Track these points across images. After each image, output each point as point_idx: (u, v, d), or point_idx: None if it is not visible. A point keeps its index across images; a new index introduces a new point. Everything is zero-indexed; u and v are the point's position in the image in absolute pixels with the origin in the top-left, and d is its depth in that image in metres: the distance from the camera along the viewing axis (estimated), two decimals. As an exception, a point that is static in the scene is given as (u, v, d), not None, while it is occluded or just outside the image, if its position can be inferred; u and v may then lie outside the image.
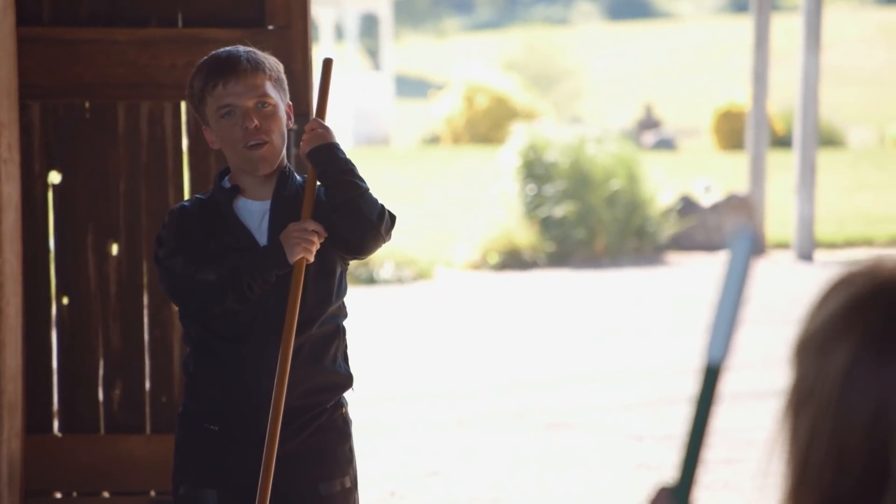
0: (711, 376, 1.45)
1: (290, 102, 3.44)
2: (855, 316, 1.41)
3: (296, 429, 3.35)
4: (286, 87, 3.42)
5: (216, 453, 3.36)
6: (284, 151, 3.41)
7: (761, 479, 1.49)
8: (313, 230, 3.29)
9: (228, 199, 3.36)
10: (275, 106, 3.34)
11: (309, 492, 3.37)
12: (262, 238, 3.35)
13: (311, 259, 3.30)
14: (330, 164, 3.34)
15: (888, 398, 1.38)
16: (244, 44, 3.45)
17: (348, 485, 3.43)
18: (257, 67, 3.34)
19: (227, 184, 3.39)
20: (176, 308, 3.48)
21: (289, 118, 3.41)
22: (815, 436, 1.42)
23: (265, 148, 3.32)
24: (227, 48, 3.40)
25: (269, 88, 3.35)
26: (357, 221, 3.30)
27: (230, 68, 3.33)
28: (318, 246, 3.31)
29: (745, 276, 1.42)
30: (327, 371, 3.39)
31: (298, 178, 3.43)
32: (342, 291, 3.43)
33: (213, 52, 3.41)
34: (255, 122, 3.31)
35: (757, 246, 1.43)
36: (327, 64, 3.49)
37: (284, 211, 3.36)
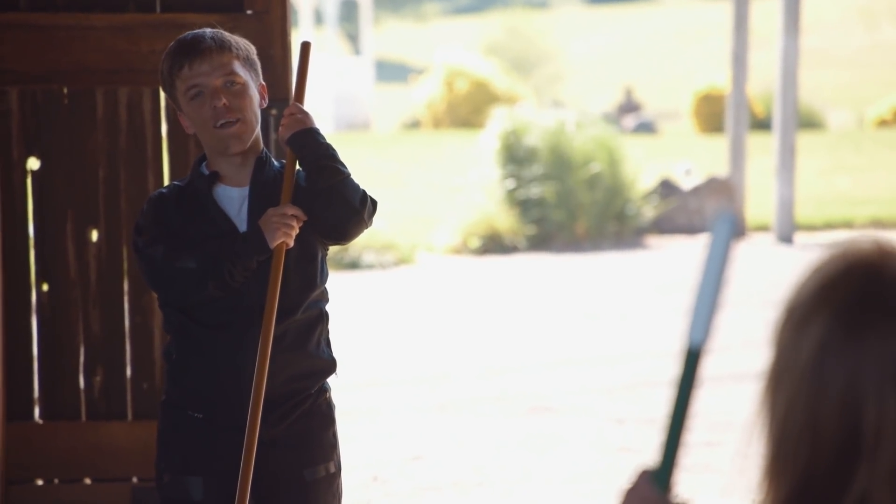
0: (692, 359, 1.45)
1: (264, 83, 3.41)
2: (828, 293, 1.44)
3: (280, 414, 3.34)
4: (258, 69, 3.39)
5: (200, 440, 3.35)
6: (259, 134, 3.39)
7: (741, 461, 1.50)
8: (293, 214, 3.27)
9: (207, 185, 3.34)
10: (244, 84, 3.31)
11: (294, 477, 3.37)
12: (241, 224, 3.33)
13: (291, 244, 3.29)
14: (310, 149, 3.32)
15: (859, 372, 1.41)
16: (212, 27, 3.43)
17: (332, 470, 3.42)
18: (223, 46, 3.31)
19: (205, 170, 3.37)
20: (156, 295, 3.45)
21: (262, 98, 3.39)
22: (790, 410, 1.44)
23: (237, 126, 3.29)
24: (194, 31, 3.38)
25: (238, 67, 3.31)
26: (339, 207, 3.28)
27: (195, 48, 3.30)
28: (298, 230, 3.29)
29: (727, 260, 1.42)
30: (311, 356, 3.38)
31: (276, 163, 3.41)
32: (324, 276, 3.42)
33: (180, 35, 3.39)
34: (224, 100, 3.28)
35: (738, 229, 1.43)
36: (305, 47, 3.45)
37: (263, 196, 3.34)
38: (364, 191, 3.32)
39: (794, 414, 1.43)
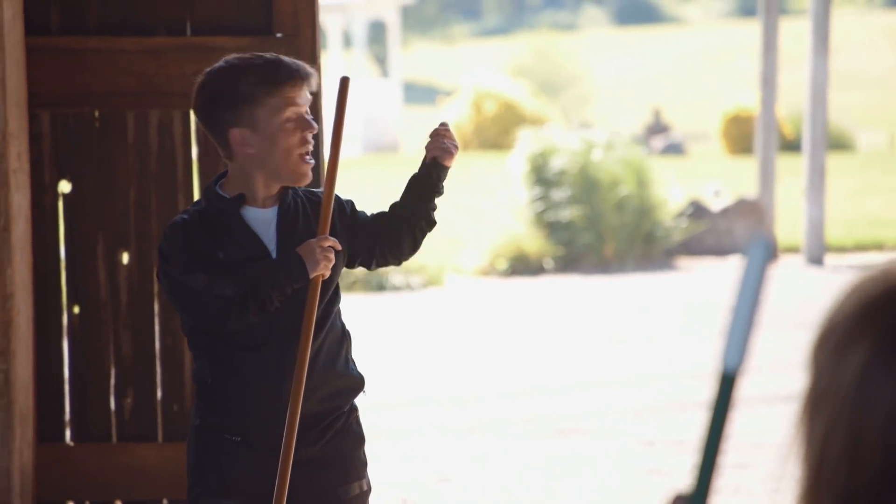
0: (727, 383, 1.44)
1: None
2: (869, 318, 1.42)
3: (317, 434, 3.38)
4: None
5: (238, 464, 3.36)
6: None
7: (774, 483, 1.49)
8: (330, 246, 3.30)
9: (234, 207, 3.35)
10: None
11: (329, 496, 3.40)
12: (270, 245, 3.35)
13: (328, 275, 3.33)
14: (440, 184, 3.46)
15: None
16: (242, 50, 3.45)
17: (365, 488, 3.48)
18: (313, 79, 3.36)
19: (219, 191, 3.36)
20: (191, 320, 3.44)
21: None
22: (830, 437, 1.42)
23: (311, 161, 3.36)
24: (271, 54, 3.35)
25: None
26: (419, 241, 3.49)
27: (300, 74, 3.31)
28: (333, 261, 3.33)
29: (761, 283, 1.42)
30: (342, 374, 3.43)
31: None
32: (340, 293, 3.47)
33: (255, 54, 3.34)
34: (315, 127, 3.32)
35: (773, 252, 1.43)
36: (344, 83, 3.48)
37: (290, 218, 3.38)
38: None
39: (834, 439, 1.41)
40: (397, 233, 3.43)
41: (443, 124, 3.48)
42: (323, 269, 3.29)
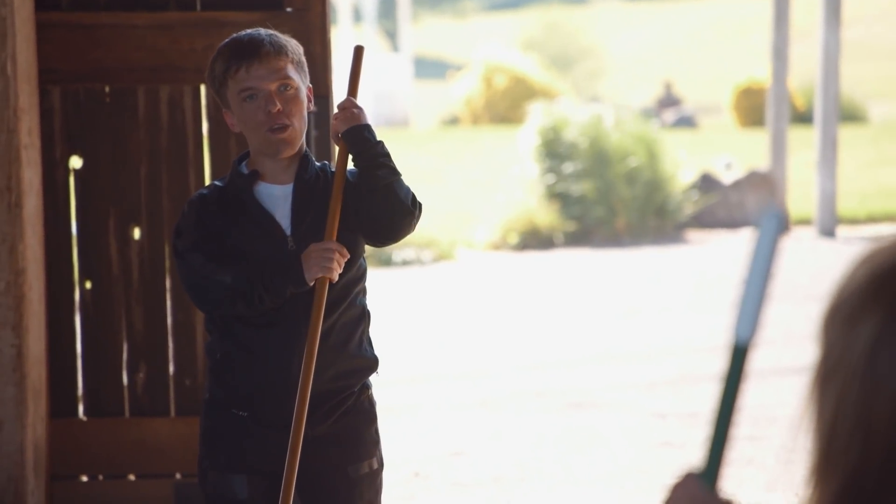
0: (739, 356, 1.44)
1: (311, 85, 3.44)
2: (880, 289, 1.41)
3: (325, 412, 3.37)
4: (307, 70, 3.42)
5: (245, 439, 3.37)
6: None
7: (787, 455, 1.48)
8: (334, 249, 3.28)
9: (248, 184, 3.35)
10: (297, 89, 3.35)
11: (338, 474, 3.40)
12: (284, 222, 3.35)
13: (335, 279, 3.30)
14: (366, 146, 3.34)
15: None
16: (265, 26, 3.45)
17: (375, 466, 3.46)
18: (280, 51, 3.33)
19: (244, 169, 3.38)
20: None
21: (310, 101, 3.41)
22: (841, 408, 1.41)
23: (288, 131, 3.32)
24: (248, 31, 3.39)
25: (291, 71, 3.34)
26: (392, 206, 3.30)
27: (253, 51, 3.31)
28: (342, 265, 3.30)
29: (773, 255, 1.41)
30: (353, 356, 3.41)
31: (317, 163, 3.44)
32: (364, 273, 3.45)
33: (234, 35, 3.39)
34: (278, 105, 3.30)
35: (784, 225, 1.42)
36: (358, 51, 3.49)
37: (307, 194, 3.37)
38: (413, 193, 3.34)
39: (846, 411, 1.40)
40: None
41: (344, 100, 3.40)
42: (321, 273, 3.25)
